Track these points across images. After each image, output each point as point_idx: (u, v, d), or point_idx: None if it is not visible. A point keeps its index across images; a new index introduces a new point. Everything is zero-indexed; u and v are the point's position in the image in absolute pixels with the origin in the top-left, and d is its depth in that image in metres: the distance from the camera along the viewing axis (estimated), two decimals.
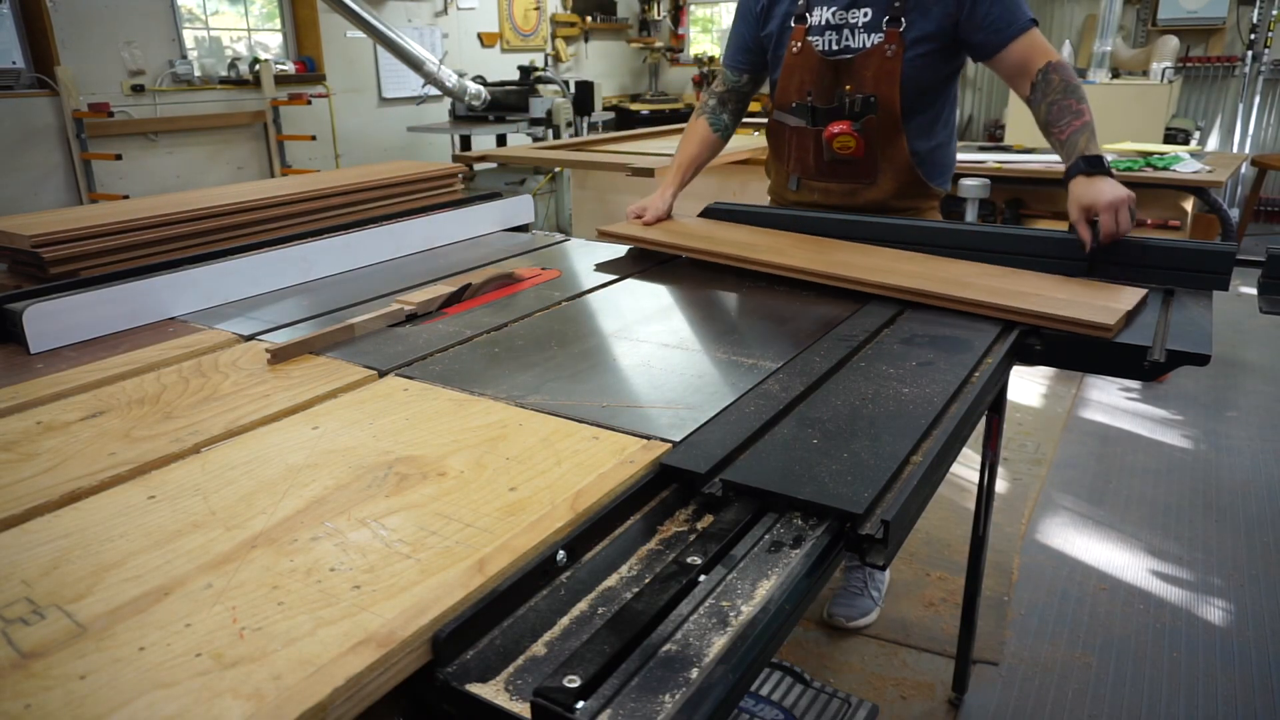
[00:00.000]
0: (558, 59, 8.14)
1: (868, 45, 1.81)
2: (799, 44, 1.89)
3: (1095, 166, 1.58)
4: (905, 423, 1.01)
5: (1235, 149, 6.85)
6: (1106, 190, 1.54)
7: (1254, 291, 1.57)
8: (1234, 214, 4.93)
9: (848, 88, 1.86)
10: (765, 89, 2.09)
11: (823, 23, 1.85)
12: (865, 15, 1.80)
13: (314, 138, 5.95)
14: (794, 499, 0.85)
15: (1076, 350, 1.31)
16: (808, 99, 1.91)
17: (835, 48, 1.85)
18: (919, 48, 1.78)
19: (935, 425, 1.02)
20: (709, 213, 2.03)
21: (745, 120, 2.16)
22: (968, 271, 1.55)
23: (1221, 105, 6.97)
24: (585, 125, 6.43)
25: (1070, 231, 1.59)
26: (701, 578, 0.74)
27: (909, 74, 1.80)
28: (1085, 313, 1.34)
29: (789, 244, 1.75)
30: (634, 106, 8.46)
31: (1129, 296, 1.42)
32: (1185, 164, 3.60)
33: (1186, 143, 5.44)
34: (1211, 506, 2.84)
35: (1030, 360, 1.33)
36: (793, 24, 1.90)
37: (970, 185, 3.73)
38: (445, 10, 7.04)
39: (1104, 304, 1.38)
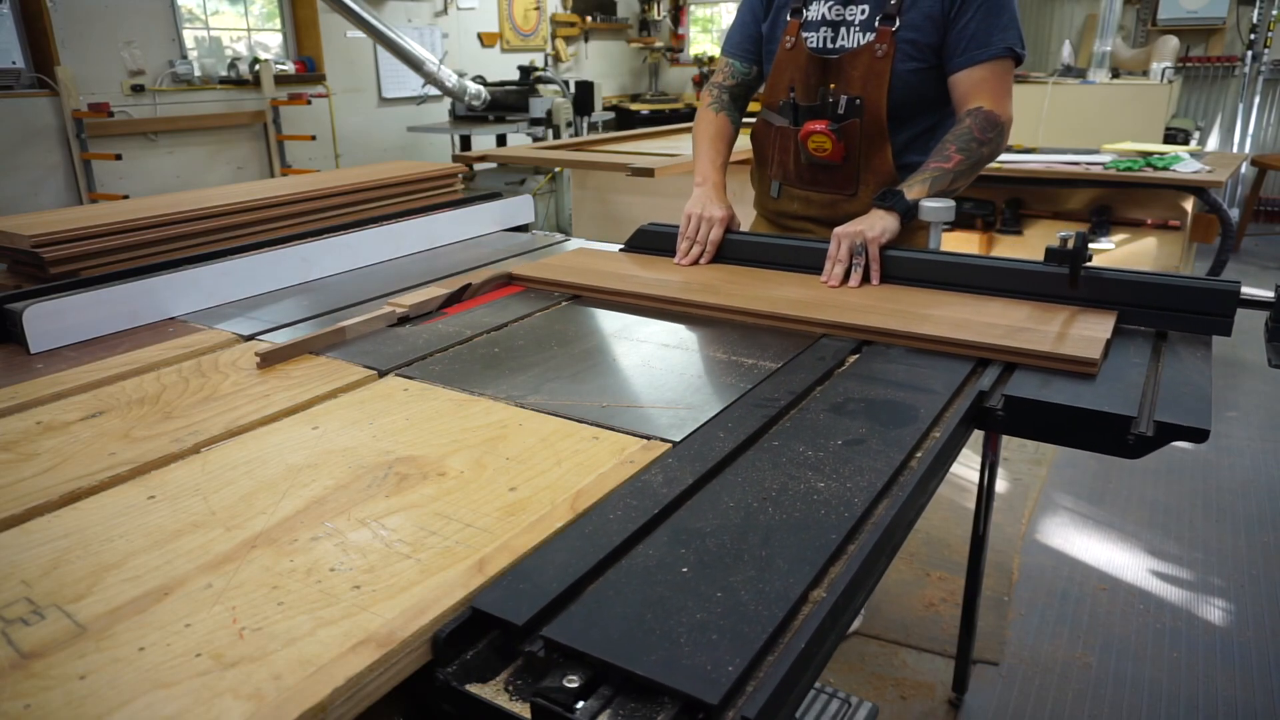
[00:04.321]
0: (558, 59, 8.14)
1: (860, 44, 1.72)
2: (792, 39, 1.79)
3: (884, 200, 1.61)
4: (810, 537, 0.78)
5: (1235, 149, 6.85)
6: (861, 220, 1.57)
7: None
8: (1234, 214, 4.93)
9: (832, 86, 1.76)
10: None
11: (819, 18, 1.75)
12: (862, 12, 1.72)
13: (314, 138, 5.95)
14: (631, 674, 0.62)
15: (1045, 419, 1.09)
16: (791, 95, 1.81)
17: (829, 45, 1.76)
18: (911, 50, 1.69)
19: (852, 538, 0.79)
20: (641, 234, 1.81)
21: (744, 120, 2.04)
22: (929, 302, 1.39)
23: (1221, 105, 6.97)
24: (585, 125, 6.43)
25: (1046, 263, 1.41)
26: None
27: (899, 77, 1.70)
28: (1062, 345, 1.18)
29: (726, 279, 1.58)
30: (634, 106, 8.47)
31: (1102, 323, 1.28)
32: (1185, 164, 3.60)
33: (1186, 143, 5.44)
34: (1211, 506, 2.84)
35: (991, 428, 1.12)
36: (788, 17, 1.79)
37: (932, 208, 3.55)
38: (445, 10, 7.04)
39: (1080, 334, 1.23)
